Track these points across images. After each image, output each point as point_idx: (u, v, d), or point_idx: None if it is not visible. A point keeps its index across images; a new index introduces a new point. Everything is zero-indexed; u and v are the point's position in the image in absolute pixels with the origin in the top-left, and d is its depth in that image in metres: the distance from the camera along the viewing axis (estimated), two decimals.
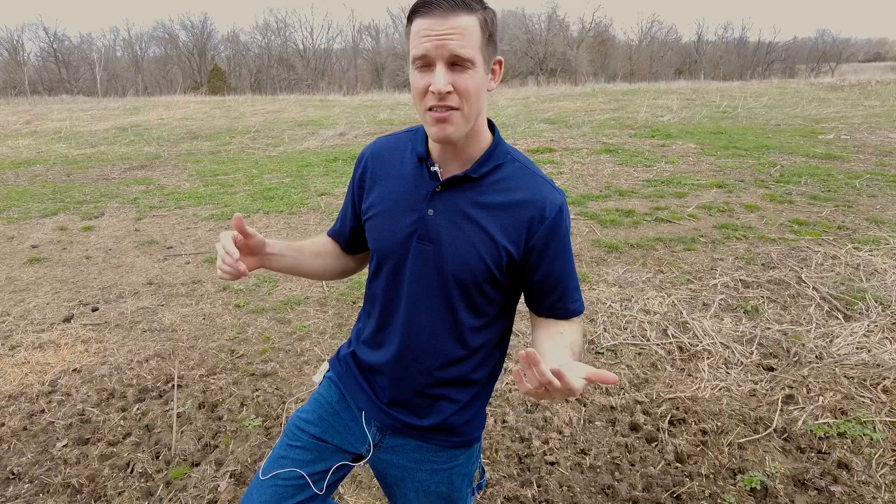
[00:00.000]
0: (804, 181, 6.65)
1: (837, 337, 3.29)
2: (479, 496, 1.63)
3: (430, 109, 1.04)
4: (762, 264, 4.35)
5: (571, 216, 5.57)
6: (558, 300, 1.19)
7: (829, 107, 13.66)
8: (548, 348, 1.11)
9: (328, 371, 1.38)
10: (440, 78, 1.01)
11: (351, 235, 1.33)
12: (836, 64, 50.53)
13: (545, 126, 11.39)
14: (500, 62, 1.10)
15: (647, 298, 3.84)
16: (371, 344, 1.28)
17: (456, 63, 1.01)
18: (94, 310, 4.01)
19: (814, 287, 3.90)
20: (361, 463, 1.32)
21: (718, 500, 2.18)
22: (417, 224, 1.15)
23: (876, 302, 3.64)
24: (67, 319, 3.86)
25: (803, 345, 3.22)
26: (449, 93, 1.02)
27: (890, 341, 3.22)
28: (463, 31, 1.00)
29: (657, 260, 4.51)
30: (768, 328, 3.42)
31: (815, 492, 2.20)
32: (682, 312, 3.63)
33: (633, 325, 3.50)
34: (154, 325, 3.72)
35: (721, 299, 3.79)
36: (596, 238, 5.01)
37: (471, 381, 1.24)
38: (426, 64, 1.02)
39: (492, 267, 1.13)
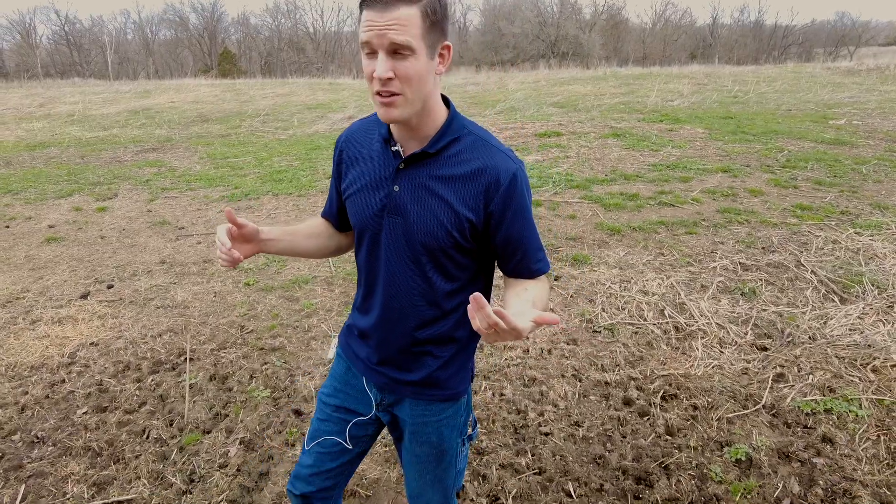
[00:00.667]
0: (810, 166, 6.65)
1: (832, 319, 3.35)
2: (470, 446, 1.75)
3: (377, 94, 1.13)
4: (762, 248, 4.40)
5: (576, 199, 5.65)
6: (521, 261, 1.28)
7: (844, 91, 13.50)
8: (513, 302, 1.21)
9: (337, 346, 1.51)
10: (381, 66, 1.10)
11: (339, 215, 1.46)
12: (854, 48, 49.51)
13: (554, 110, 11.37)
14: (447, 47, 1.16)
15: (647, 280, 3.91)
16: (361, 311, 1.41)
17: (397, 51, 1.09)
18: (110, 287, 4.15)
19: (812, 271, 3.96)
20: (373, 416, 1.46)
21: (704, 471, 2.27)
22: (386, 199, 1.26)
23: (873, 285, 3.69)
24: (84, 296, 4.01)
25: (798, 326, 3.29)
26: (390, 79, 1.11)
27: (883, 323, 3.28)
28: (402, 21, 1.07)
29: (658, 243, 4.58)
30: (764, 310, 3.49)
31: (798, 463, 2.29)
32: (679, 294, 3.70)
33: (631, 306, 3.58)
34: (167, 302, 3.86)
35: (719, 281, 3.86)
36: (599, 221, 5.07)
37: (452, 339, 1.35)
38: (371, 51, 1.11)
39: (455, 234, 1.23)
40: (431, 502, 1.49)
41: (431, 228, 1.23)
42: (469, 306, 0.97)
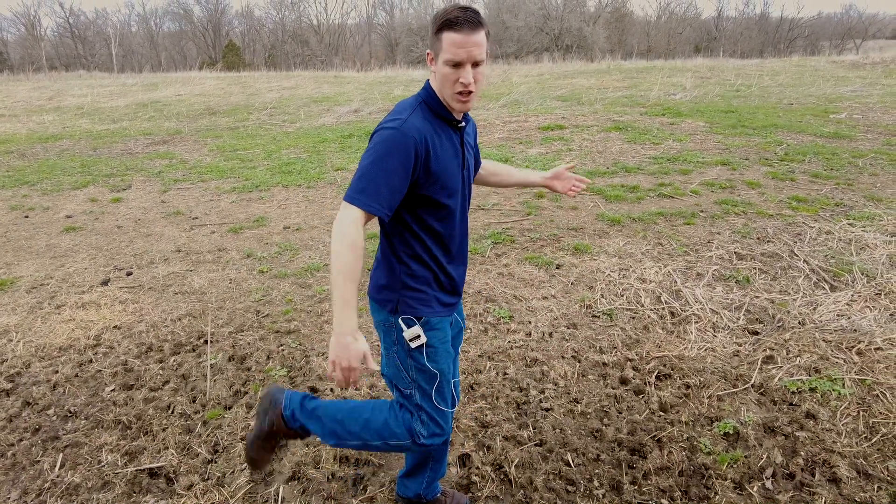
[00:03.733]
0: (808, 160, 6.77)
1: (821, 305, 3.50)
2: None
3: (459, 93, 1.59)
4: (757, 238, 4.54)
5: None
6: (477, 157, 2.01)
7: (847, 85, 13.55)
8: (517, 171, 2.09)
9: (419, 325, 1.76)
10: (468, 76, 1.56)
11: (397, 203, 1.64)
12: (861, 40, 49.24)
13: (557, 103, 11.48)
14: (488, 53, 1.64)
15: (645, 268, 4.06)
16: (451, 264, 1.79)
17: (476, 63, 1.57)
18: (129, 274, 4.32)
19: (805, 260, 4.10)
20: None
21: (694, 443, 2.43)
22: (462, 160, 1.74)
23: (862, 274, 3.84)
24: (105, 282, 4.18)
25: (788, 311, 3.44)
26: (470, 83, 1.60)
27: (870, 309, 3.43)
28: (482, 43, 1.56)
29: (657, 233, 4.72)
30: (757, 297, 3.64)
31: (783, 437, 2.45)
32: (676, 281, 3.85)
33: (629, 293, 3.73)
34: (184, 289, 4.03)
35: (715, 270, 4.01)
36: (600, 212, 5.21)
37: None
38: (457, 65, 1.55)
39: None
40: None
41: (475, 167, 1.92)
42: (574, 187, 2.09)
